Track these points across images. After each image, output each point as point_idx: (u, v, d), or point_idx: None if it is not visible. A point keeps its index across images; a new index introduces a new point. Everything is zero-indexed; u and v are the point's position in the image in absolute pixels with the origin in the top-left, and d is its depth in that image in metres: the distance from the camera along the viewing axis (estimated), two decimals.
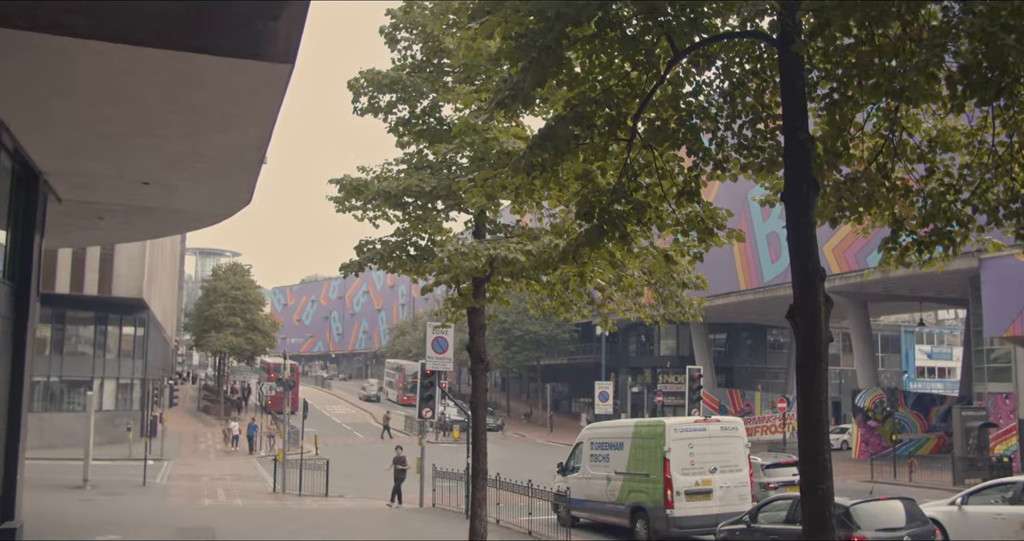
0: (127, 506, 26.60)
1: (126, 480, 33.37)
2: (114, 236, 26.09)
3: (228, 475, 37.87)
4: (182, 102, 11.61)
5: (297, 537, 20.50)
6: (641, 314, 14.18)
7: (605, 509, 21.57)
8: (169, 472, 38.08)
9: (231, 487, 33.37)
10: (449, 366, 23.99)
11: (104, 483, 31.67)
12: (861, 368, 48.05)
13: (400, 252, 14.30)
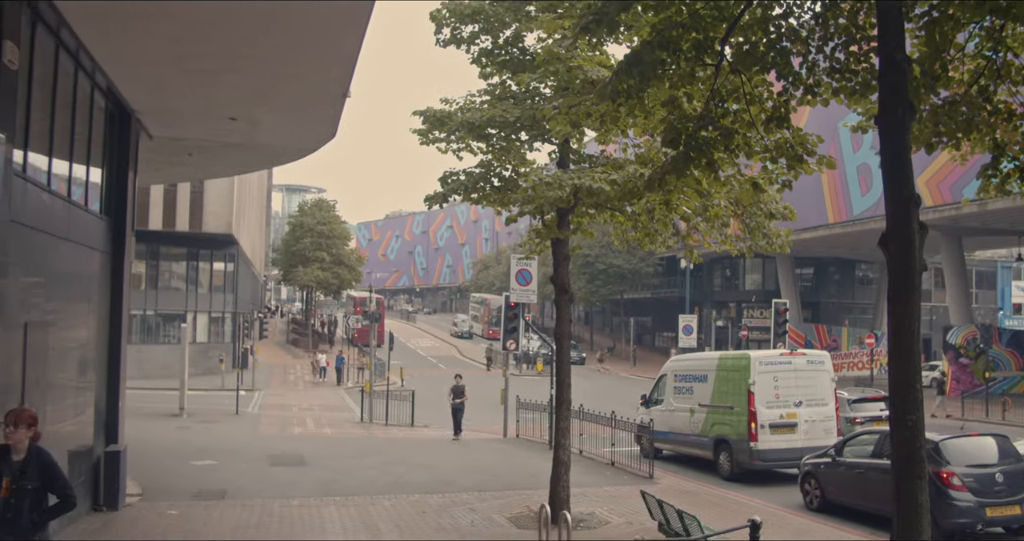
0: (221, 434, 27.59)
1: (219, 409, 34.59)
2: (203, 172, 26.62)
3: (317, 405, 38.93)
4: (267, 38, 11.68)
5: (384, 464, 21.04)
6: (727, 245, 13.93)
7: (688, 441, 21.61)
8: (260, 402, 39.30)
9: (320, 417, 34.33)
10: (533, 298, 24.03)
11: (199, 412, 32.90)
12: (954, 304, 46.79)
13: (484, 183, 14.26)
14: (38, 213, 11.03)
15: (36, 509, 7.16)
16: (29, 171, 10.81)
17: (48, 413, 11.61)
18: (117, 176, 15.46)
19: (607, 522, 14.16)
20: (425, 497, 16.55)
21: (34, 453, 7.25)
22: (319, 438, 27.71)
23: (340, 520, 14.26)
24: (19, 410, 7.53)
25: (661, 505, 11.39)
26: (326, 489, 17.42)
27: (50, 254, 11.70)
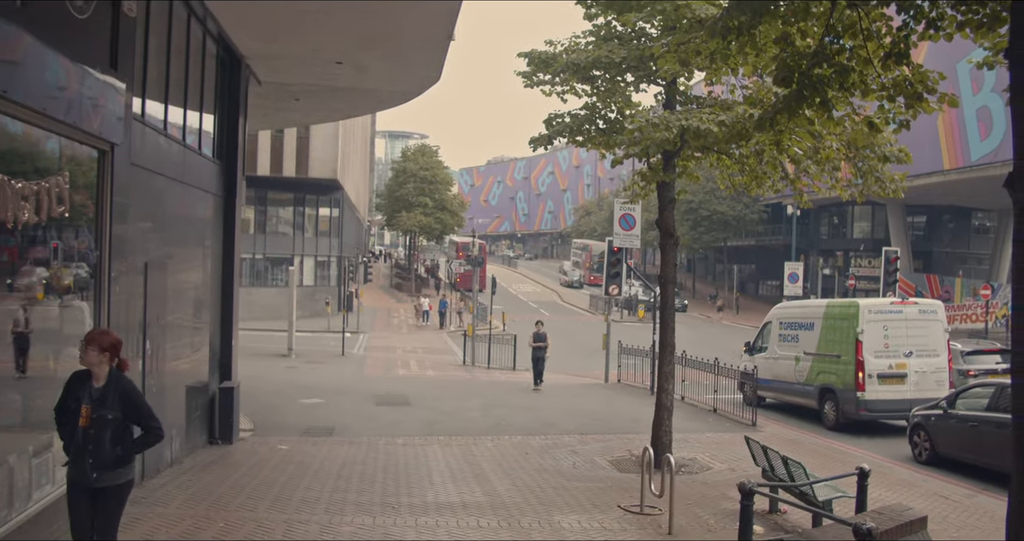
0: (327, 374, 28.38)
1: (325, 350, 35.55)
2: (308, 117, 27.03)
3: (420, 348, 39.64)
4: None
5: (486, 406, 21.35)
6: (838, 190, 13.51)
7: (792, 390, 21.30)
8: (365, 344, 40.21)
9: (423, 359, 34.97)
10: (636, 243, 23.84)
11: (306, 352, 33.88)
12: None
13: (589, 125, 14.10)
14: (155, 156, 11.38)
15: (119, 442, 6.58)
16: (147, 116, 11.14)
17: (167, 351, 12.10)
18: (228, 121, 15.82)
19: (709, 468, 14.12)
20: (527, 439, 16.75)
21: (114, 380, 6.63)
22: (422, 380, 28.25)
23: (444, 458, 14.55)
24: (96, 330, 7.04)
25: (765, 451, 11.28)
26: (430, 429, 17.78)
27: (167, 196, 12.08)
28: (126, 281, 10.04)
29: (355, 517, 10.36)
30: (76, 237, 9.16)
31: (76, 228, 9.08)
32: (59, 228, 8.62)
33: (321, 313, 47.39)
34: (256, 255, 50.58)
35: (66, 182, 8.41)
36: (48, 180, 8.07)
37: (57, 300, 8.78)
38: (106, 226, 9.41)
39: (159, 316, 11.61)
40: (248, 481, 12.24)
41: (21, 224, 7.53)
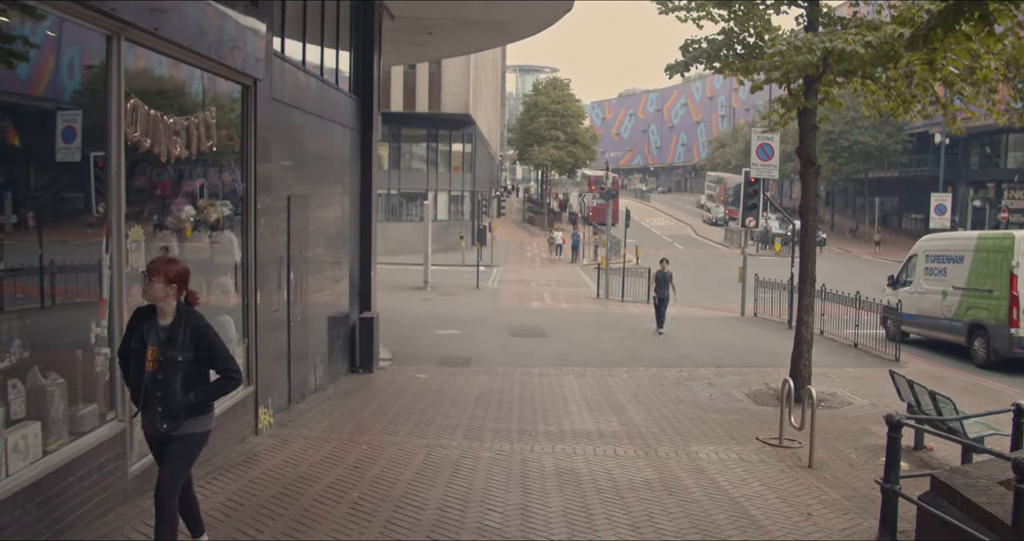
0: (462, 306, 28.85)
1: (460, 283, 36.11)
2: (441, 51, 27.10)
3: (553, 281, 39.81)
4: None
5: (620, 338, 21.35)
6: (994, 114, 12.71)
7: (938, 325, 20.48)
8: (498, 277, 40.63)
9: (556, 292, 35.13)
10: (774, 173, 23.10)
11: (441, 285, 34.50)
12: None
13: (727, 51, 13.62)
14: (295, 92, 11.61)
15: (192, 388, 5.63)
16: (286, 53, 11.36)
17: (309, 283, 12.49)
18: (363, 57, 15.99)
19: (849, 403, 13.78)
20: (662, 371, 16.70)
21: (183, 317, 5.66)
22: (556, 312, 28.41)
23: (579, 388, 14.66)
24: (160, 259, 5.95)
25: (912, 385, 10.91)
26: (564, 360, 17.92)
27: (307, 131, 12.34)
28: (270, 215, 10.37)
29: (493, 443, 10.57)
30: (223, 171, 9.48)
31: (222, 162, 9.40)
32: (207, 162, 8.93)
33: (455, 247, 48.06)
34: (391, 191, 51.48)
35: (212, 118, 8.68)
36: (196, 115, 8.34)
37: (207, 232, 9.13)
38: (251, 160, 9.71)
39: (301, 249, 11.96)
40: (389, 408, 12.62)
41: (173, 158, 7.83)
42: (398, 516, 7.29)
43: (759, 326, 24.42)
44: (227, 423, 9.02)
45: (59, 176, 6.52)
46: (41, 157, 6.33)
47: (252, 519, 6.90)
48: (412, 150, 55.21)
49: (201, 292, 9.07)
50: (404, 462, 9.31)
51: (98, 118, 6.69)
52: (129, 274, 6.91)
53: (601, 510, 7.89)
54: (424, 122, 51.67)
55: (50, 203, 6.42)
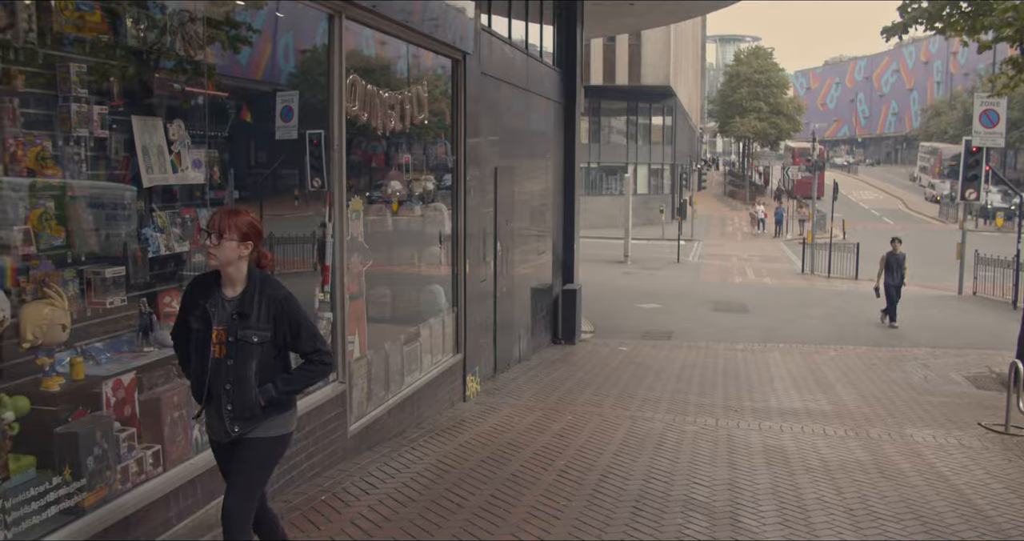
0: (663, 280, 28.60)
1: (660, 257, 35.79)
2: (642, 22, 26.75)
3: (755, 256, 38.82)
4: None
5: (827, 315, 20.60)
6: None
7: None
8: (699, 252, 40.00)
9: (759, 267, 34.24)
10: (1000, 142, 21.49)
11: (641, 259, 34.31)
12: None
13: (951, 8, 12.77)
14: (502, 65, 11.77)
15: (269, 376, 4.24)
16: (492, 27, 11.53)
17: (514, 254, 12.70)
18: (566, 29, 16.02)
19: None
20: (872, 350, 15.99)
21: (257, 285, 4.28)
22: (759, 287, 27.71)
23: (785, 365, 14.26)
24: (224, 210, 4.45)
25: None
26: (768, 336, 17.48)
27: (513, 104, 12.50)
28: (478, 187, 10.59)
29: (697, 417, 10.44)
30: (433, 144, 9.77)
31: (433, 135, 9.67)
32: (418, 136, 9.21)
33: (655, 221, 47.64)
34: (590, 164, 51.51)
35: (425, 91, 8.94)
36: (410, 89, 8.61)
37: (419, 203, 9.43)
38: (461, 133, 9.94)
39: (507, 221, 12.17)
40: (591, 379, 12.69)
41: (388, 131, 8.13)
42: (604, 485, 7.32)
43: (979, 305, 22.93)
44: (437, 389, 9.34)
45: (277, 153, 6.89)
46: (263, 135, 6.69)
47: (462, 481, 7.10)
48: (611, 123, 55.01)
49: (414, 262, 9.47)
50: (609, 433, 9.34)
51: (318, 95, 7.02)
52: (349, 243, 7.23)
53: (812, 489, 7.64)
54: (624, 95, 51.31)
55: (269, 179, 6.81)
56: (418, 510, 6.26)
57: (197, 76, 5.73)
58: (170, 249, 5.44)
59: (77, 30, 4.81)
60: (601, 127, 53.78)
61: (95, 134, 4.88)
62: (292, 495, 6.26)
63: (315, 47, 7.16)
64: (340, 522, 5.87)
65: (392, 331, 8.56)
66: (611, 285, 25.15)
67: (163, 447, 5.02)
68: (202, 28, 5.74)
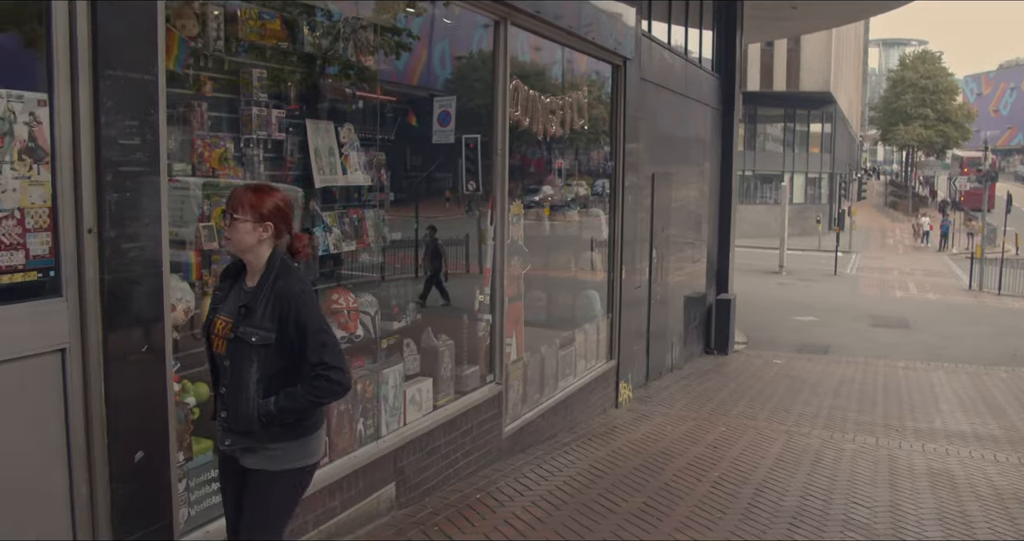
0: (819, 292, 27.72)
1: (816, 269, 34.72)
2: (803, 26, 26.04)
3: (917, 270, 37.18)
4: None
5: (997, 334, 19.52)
6: None
7: None
8: (857, 264, 38.60)
9: (922, 281, 32.77)
10: None
11: (796, 270, 33.37)
12: None
13: None
14: (661, 71, 11.69)
15: (272, 387, 3.46)
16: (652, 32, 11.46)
17: (669, 262, 12.57)
18: (725, 35, 15.78)
19: None
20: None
21: (271, 276, 3.52)
22: (922, 302, 26.52)
23: (950, 385, 13.60)
24: (243, 188, 3.64)
25: None
26: (932, 354, 16.71)
27: (671, 110, 12.39)
28: (635, 193, 10.53)
29: (856, 435, 10.07)
30: (591, 149, 9.78)
31: (592, 141, 9.68)
32: (577, 141, 9.24)
33: (811, 231, 46.24)
34: (744, 172, 50.45)
35: (585, 97, 8.96)
36: (571, 95, 8.65)
37: (577, 208, 9.46)
38: (620, 138, 9.91)
39: (663, 227, 12.05)
40: (745, 391, 12.42)
41: (548, 136, 8.18)
42: (759, 500, 7.15)
43: None
44: (590, 394, 9.33)
45: (433, 157, 7.02)
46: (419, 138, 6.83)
47: (615, 487, 7.06)
48: (767, 130, 53.77)
49: (570, 267, 9.50)
50: (763, 447, 9.12)
51: (474, 100, 7.13)
52: (509, 246, 7.31)
53: (982, 518, 7.24)
54: (781, 101, 50.04)
55: (424, 182, 6.95)
56: (570, 513, 6.26)
57: (365, 81, 5.92)
58: (338, 248, 5.63)
59: (259, 37, 5.04)
60: (756, 134, 52.63)
61: (272, 136, 5.10)
62: (448, 492, 6.37)
63: (470, 53, 7.29)
64: (494, 521, 5.93)
65: (548, 335, 8.60)
66: (765, 296, 24.56)
67: (329, 438, 5.18)
68: (372, 34, 5.93)
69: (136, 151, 3.76)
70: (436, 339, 6.46)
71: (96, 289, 3.66)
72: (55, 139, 3.58)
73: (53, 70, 3.56)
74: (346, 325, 5.62)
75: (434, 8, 6.68)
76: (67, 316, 3.63)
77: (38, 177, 3.59)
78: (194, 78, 4.57)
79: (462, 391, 6.73)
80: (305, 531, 4.89)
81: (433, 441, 6.15)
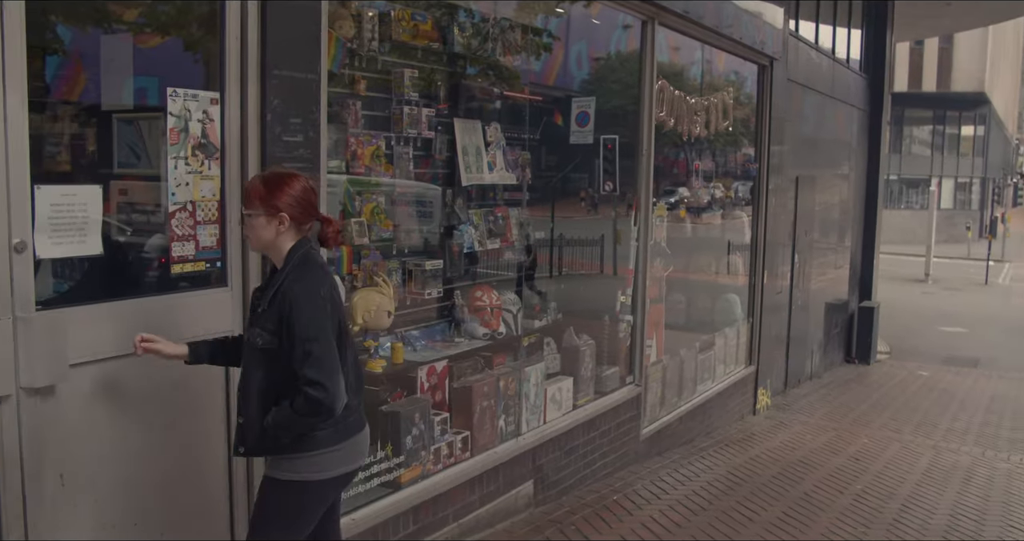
0: (967, 302, 26.45)
1: (965, 278, 33.16)
2: (958, 23, 24.86)
3: None
4: None
5: None
6: None
7: None
8: (1011, 274, 36.68)
9: None
10: None
11: (943, 279, 31.94)
12: None
13: None
14: (807, 71, 11.39)
15: (272, 397, 3.08)
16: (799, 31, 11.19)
17: (811, 267, 12.25)
18: (875, 33, 15.27)
19: None
20: None
21: (283, 272, 3.12)
22: None
23: None
24: (261, 174, 3.33)
25: None
26: None
27: (816, 111, 12.05)
28: (779, 196, 10.30)
29: (1011, 454, 9.57)
30: (734, 150, 9.62)
31: (735, 142, 9.52)
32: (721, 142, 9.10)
33: (960, 238, 44.22)
34: (889, 175, 48.64)
35: (730, 97, 8.82)
36: (716, 96, 8.52)
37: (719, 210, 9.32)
38: (764, 140, 9.71)
39: (806, 231, 11.75)
40: (888, 402, 11.98)
41: (692, 137, 8.09)
42: (906, 516, 6.88)
43: None
44: (728, 399, 9.18)
45: (570, 157, 7.01)
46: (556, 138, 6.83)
47: (753, 495, 6.92)
48: (914, 133, 51.74)
49: (711, 270, 9.36)
50: (909, 461, 8.78)
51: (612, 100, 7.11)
52: (652, 248, 7.26)
53: None
54: (930, 102, 48.03)
55: (560, 182, 6.95)
56: (708, 519, 6.17)
57: (511, 81, 5.99)
58: (483, 245, 5.71)
59: (411, 38, 5.15)
60: (903, 136, 50.67)
61: (422, 134, 5.21)
62: (585, 492, 6.36)
63: (608, 54, 7.27)
64: (631, 523, 5.90)
65: (687, 338, 8.51)
66: (909, 305, 23.60)
67: (471, 433, 5.25)
68: (520, 35, 5.99)
69: (299, 148, 3.90)
70: (578, 339, 6.47)
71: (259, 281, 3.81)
72: (225, 136, 3.76)
73: (224, 69, 3.73)
74: (489, 322, 5.70)
75: (571, 8, 6.69)
76: (231, 305, 3.80)
77: (208, 172, 3.77)
78: (349, 78, 4.71)
79: (601, 391, 6.71)
80: (445, 524, 4.97)
81: (572, 440, 6.15)
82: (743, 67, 9.52)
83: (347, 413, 3.14)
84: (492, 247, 5.80)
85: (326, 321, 3.03)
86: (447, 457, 5.07)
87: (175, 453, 3.60)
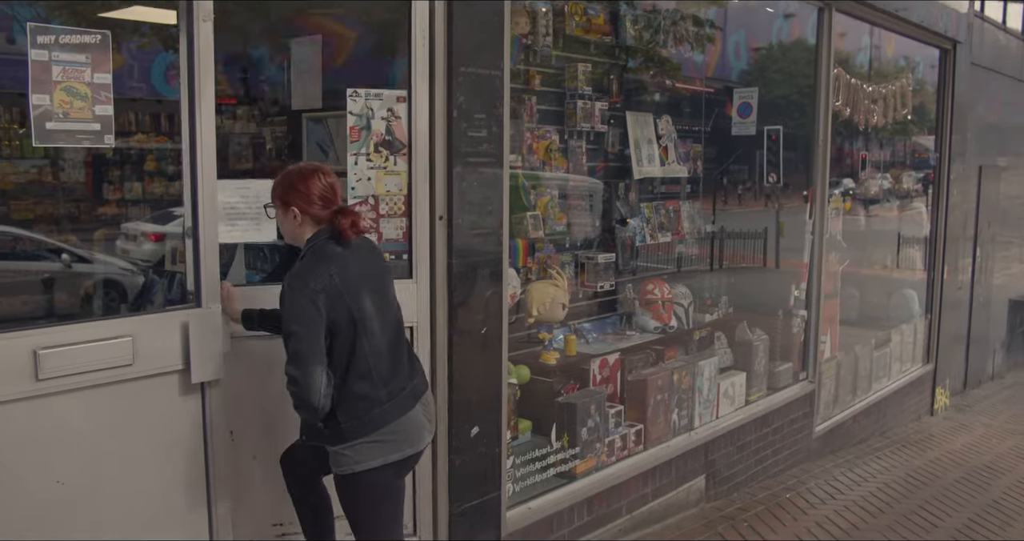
0: None
1: None
2: None
3: None
4: None
5: None
6: None
7: None
8: None
9: None
10: None
11: None
12: None
13: None
14: (993, 54, 10.79)
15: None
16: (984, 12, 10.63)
17: (995, 262, 11.63)
18: None
19: None
20: None
21: (298, 260, 3.13)
22: None
23: None
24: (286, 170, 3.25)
25: None
26: None
27: (1003, 95, 11.41)
28: (961, 185, 9.80)
29: None
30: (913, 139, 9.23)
31: (914, 131, 9.13)
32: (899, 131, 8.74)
33: None
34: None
35: (909, 84, 8.46)
36: (894, 83, 8.19)
37: (896, 202, 8.97)
38: (946, 128, 9.26)
39: (989, 224, 11.16)
40: None
41: (869, 126, 7.81)
42: None
43: None
44: (904, 398, 8.84)
45: (731, 148, 6.85)
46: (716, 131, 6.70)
47: (935, 500, 6.63)
48: None
49: (887, 264, 9.01)
50: None
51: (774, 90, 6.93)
52: (828, 241, 7.06)
53: None
54: None
55: (721, 174, 6.80)
56: (888, 523, 5.95)
57: (680, 72, 5.93)
58: (654, 239, 5.68)
59: (585, 32, 5.18)
60: None
61: (595, 128, 5.23)
62: (756, 489, 6.26)
63: (770, 44, 7.09)
64: (805, 522, 5.76)
65: (862, 334, 8.22)
66: None
67: (645, 426, 5.25)
68: (690, 26, 5.93)
69: (483, 143, 3.98)
70: (751, 333, 6.36)
71: (444, 273, 3.93)
72: (412, 132, 3.88)
73: (412, 68, 3.85)
74: (660, 315, 5.67)
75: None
76: (416, 297, 3.92)
77: (394, 167, 3.91)
78: (524, 73, 4.77)
79: (774, 387, 6.58)
80: (618, 516, 4.99)
81: (744, 436, 6.06)
82: (915, 51, 9.08)
83: (369, 405, 3.05)
84: (664, 240, 5.77)
85: (310, 314, 2.93)
86: (620, 449, 5.08)
87: None
